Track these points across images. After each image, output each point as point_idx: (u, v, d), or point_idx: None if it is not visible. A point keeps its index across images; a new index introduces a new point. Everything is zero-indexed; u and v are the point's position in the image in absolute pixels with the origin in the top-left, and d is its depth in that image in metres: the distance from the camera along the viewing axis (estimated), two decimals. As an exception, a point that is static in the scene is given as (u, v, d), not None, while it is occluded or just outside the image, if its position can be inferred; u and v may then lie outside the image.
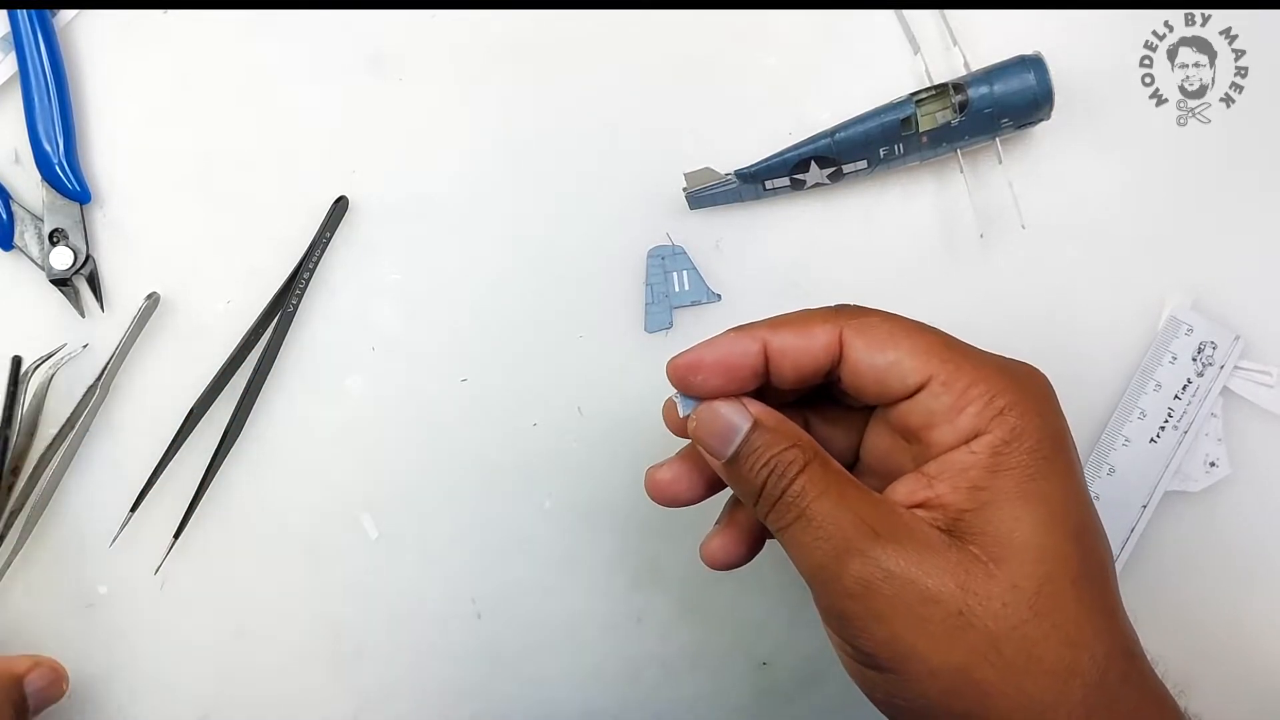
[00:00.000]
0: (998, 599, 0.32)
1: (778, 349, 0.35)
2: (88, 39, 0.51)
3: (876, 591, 0.32)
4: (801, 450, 0.34)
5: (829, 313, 0.36)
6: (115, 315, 0.50)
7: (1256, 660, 0.50)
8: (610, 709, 0.51)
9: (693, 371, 0.36)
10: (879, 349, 0.34)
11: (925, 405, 0.34)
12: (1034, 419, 0.34)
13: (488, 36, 0.51)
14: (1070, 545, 0.33)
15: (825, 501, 0.33)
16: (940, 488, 0.34)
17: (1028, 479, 0.33)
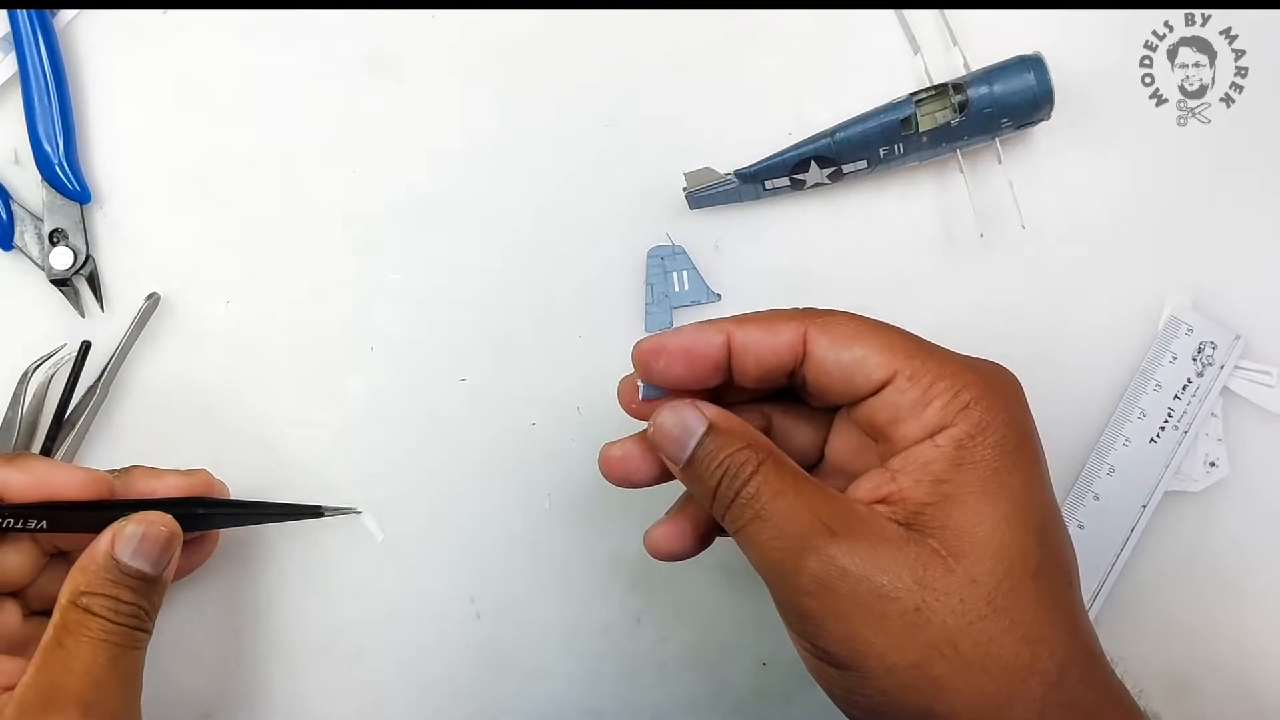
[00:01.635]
0: (955, 594, 0.32)
1: (741, 343, 0.35)
2: (88, 39, 0.51)
3: (833, 589, 0.32)
4: (755, 451, 0.34)
5: (795, 312, 0.36)
6: (115, 315, 0.50)
7: (1256, 660, 0.50)
8: (609, 709, 0.51)
9: (655, 357, 0.36)
10: (844, 345, 0.34)
11: (891, 400, 0.34)
12: (1000, 414, 0.34)
13: (487, 36, 0.51)
14: (1032, 541, 0.33)
15: (780, 501, 0.33)
16: (903, 481, 0.34)
17: (992, 473, 0.33)
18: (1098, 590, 0.49)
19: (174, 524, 0.41)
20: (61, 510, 0.40)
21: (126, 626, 0.38)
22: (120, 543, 0.39)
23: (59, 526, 0.41)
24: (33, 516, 0.40)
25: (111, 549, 0.39)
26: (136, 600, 0.39)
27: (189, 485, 0.43)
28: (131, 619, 0.39)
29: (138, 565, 0.39)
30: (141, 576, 0.39)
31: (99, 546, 0.39)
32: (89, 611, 0.38)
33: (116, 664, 0.38)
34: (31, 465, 0.41)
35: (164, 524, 0.40)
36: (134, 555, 0.39)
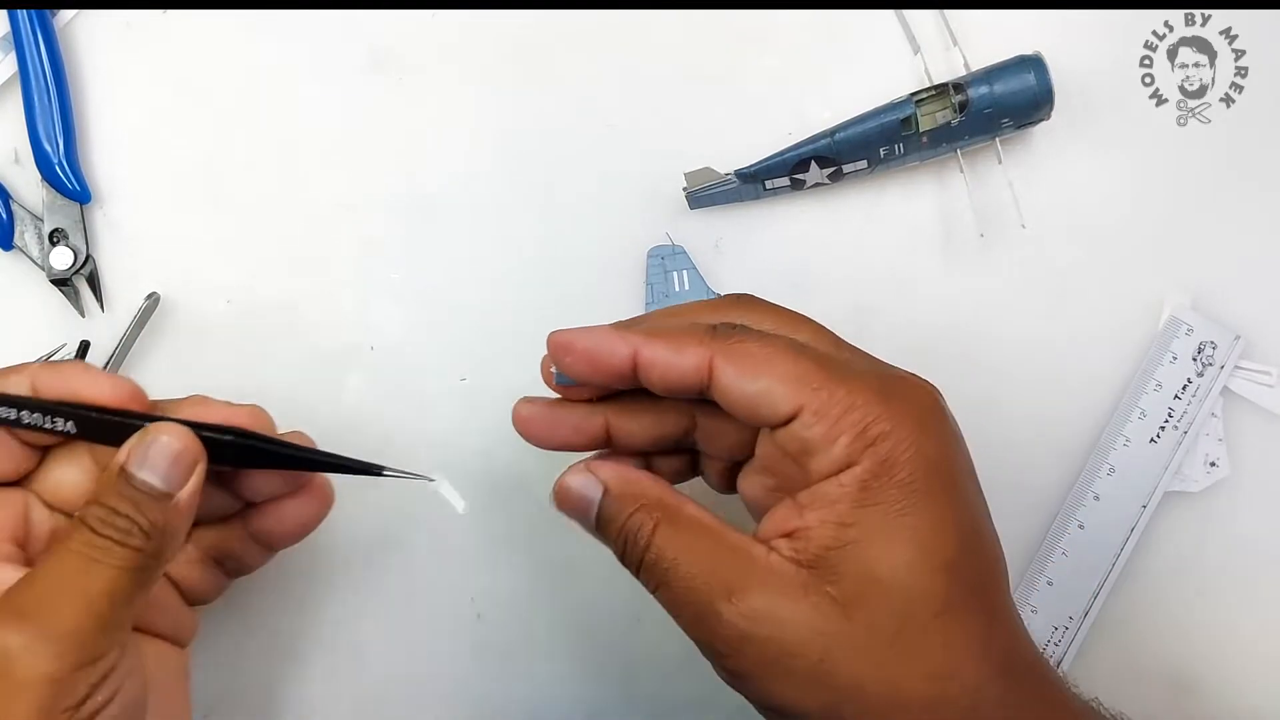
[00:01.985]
0: (856, 642, 0.32)
1: (647, 359, 0.35)
2: (88, 39, 0.51)
3: (739, 649, 0.33)
4: (648, 512, 0.35)
5: (704, 333, 0.35)
6: (115, 315, 0.50)
7: (1256, 660, 0.50)
8: (610, 709, 0.51)
9: (563, 351, 0.36)
10: (749, 376, 0.34)
11: (797, 434, 0.33)
12: (908, 448, 0.33)
13: (487, 36, 0.51)
14: (937, 579, 0.32)
15: (679, 566, 0.34)
16: (809, 518, 0.33)
17: (894, 515, 0.32)
18: (1098, 590, 0.49)
19: (190, 438, 0.37)
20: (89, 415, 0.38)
21: (110, 539, 0.34)
22: (133, 452, 0.36)
23: (87, 432, 0.38)
24: (59, 415, 0.37)
25: (125, 459, 0.36)
26: (132, 514, 0.35)
27: (230, 415, 0.39)
28: (120, 532, 0.34)
29: (144, 476, 0.35)
30: (146, 490, 0.35)
31: (116, 458, 0.36)
32: (82, 522, 0.35)
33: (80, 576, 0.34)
34: (66, 369, 0.38)
35: (177, 436, 0.36)
36: (141, 465, 0.36)
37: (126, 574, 0.34)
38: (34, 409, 0.37)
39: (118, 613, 0.34)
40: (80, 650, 0.33)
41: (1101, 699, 0.37)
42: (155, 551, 0.35)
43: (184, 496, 0.36)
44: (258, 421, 0.40)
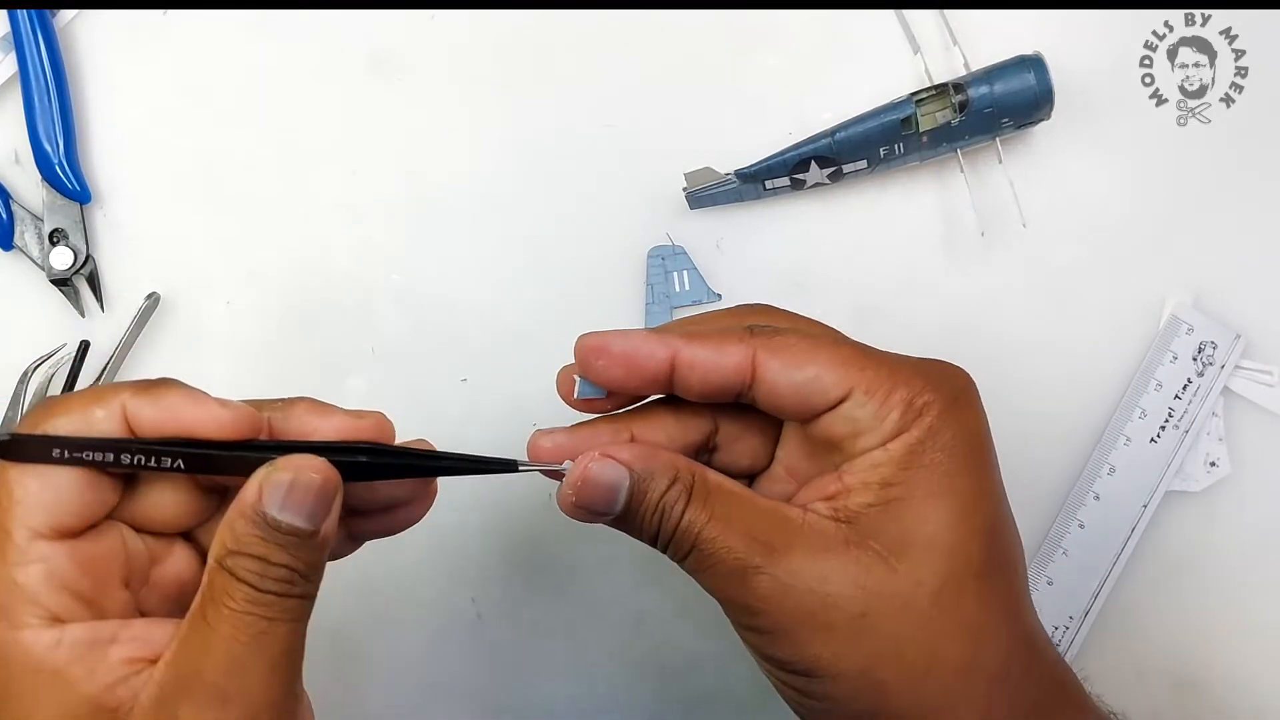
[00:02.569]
0: (899, 597, 0.32)
1: (687, 361, 0.34)
2: (88, 39, 0.51)
3: (778, 605, 0.33)
4: (682, 481, 0.34)
5: (743, 332, 0.35)
6: (115, 315, 0.50)
7: (1256, 660, 0.50)
8: (611, 709, 0.51)
9: (595, 356, 0.35)
10: (796, 366, 0.34)
11: (848, 415, 0.34)
12: (951, 418, 0.33)
13: (488, 36, 0.51)
14: (976, 541, 0.33)
15: (714, 526, 0.33)
16: (850, 481, 0.34)
17: (940, 475, 0.33)
18: (1098, 590, 0.49)
19: (329, 470, 0.34)
20: (199, 450, 0.34)
21: (275, 594, 0.32)
22: (267, 493, 0.33)
23: (198, 468, 0.34)
24: (165, 454, 0.33)
25: (258, 500, 0.33)
26: (288, 561, 0.32)
27: (357, 427, 0.36)
28: (282, 584, 0.32)
29: (288, 519, 0.32)
30: (293, 532, 0.33)
31: (245, 498, 0.33)
32: (233, 575, 0.32)
33: (262, 641, 0.32)
34: (166, 396, 0.34)
35: (316, 470, 0.33)
36: (283, 508, 0.33)
37: (299, 624, 0.33)
38: (135, 451, 0.33)
39: (298, 665, 0.34)
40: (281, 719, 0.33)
41: (1103, 697, 0.37)
42: (314, 591, 0.34)
43: (328, 529, 0.34)
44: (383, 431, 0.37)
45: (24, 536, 0.32)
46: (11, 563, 0.32)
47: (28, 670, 0.31)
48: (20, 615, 0.31)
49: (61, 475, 0.32)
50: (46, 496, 0.32)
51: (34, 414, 0.33)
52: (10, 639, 0.31)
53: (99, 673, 0.31)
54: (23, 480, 0.32)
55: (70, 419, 0.33)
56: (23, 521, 0.32)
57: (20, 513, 0.32)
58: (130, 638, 0.33)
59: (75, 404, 0.33)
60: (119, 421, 0.33)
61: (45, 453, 0.32)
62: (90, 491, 0.33)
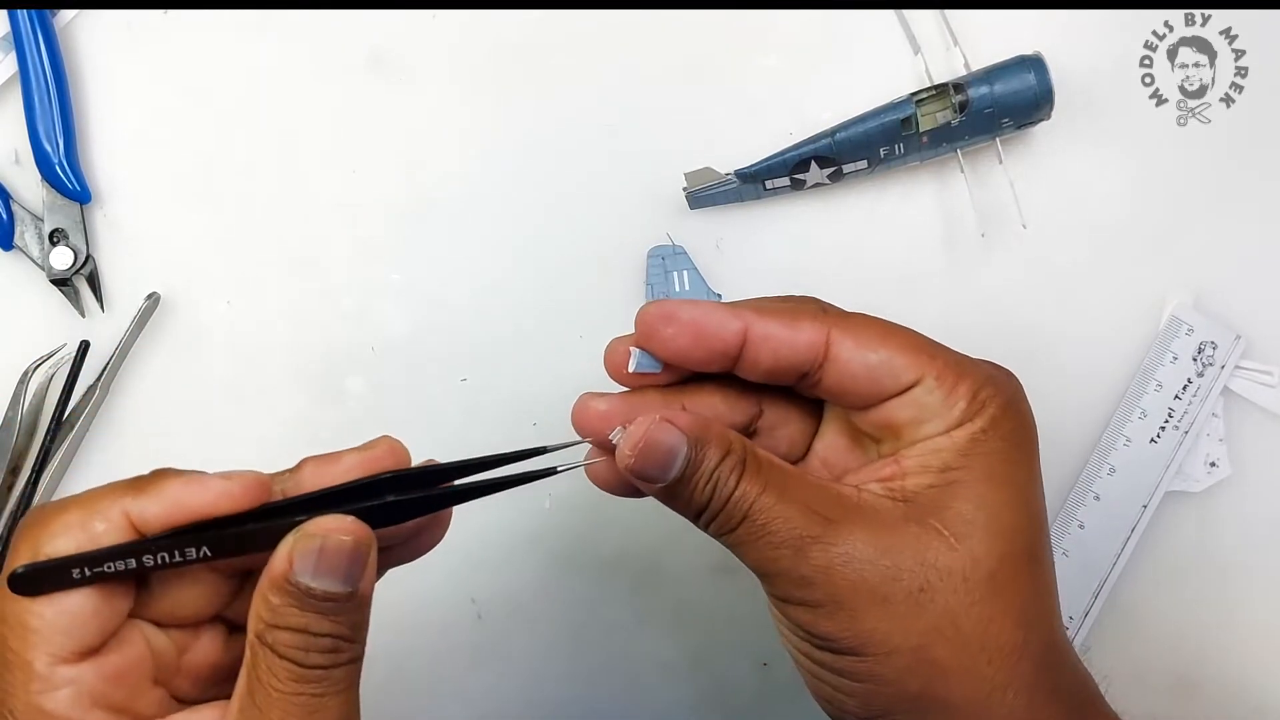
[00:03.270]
0: (958, 574, 0.32)
1: (760, 335, 0.34)
2: (88, 39, 0.51)
3: (836, 576, 0.32)
4: (736, 453, 0.34)
5: (816, 310, 0.35)
6: (115, 315, 0.50)
7: (1256, 660, 0.50)
8: (611, 709, 0.51)
9: (665, 323, 0.34)
10: (870, 348, 0.34)
11: (917, 400, 0.34)
12: (1012, 411, 0.34)
13: (488, 37, 0.51)
14: (1031, 529, 0.34)
15: (767, 497, 0.33)
16: (908, 464, 0.34)
17: (999, 461, 0.34)
18: (1098, 590, 0.49)
19: (359, 527, 0.32)
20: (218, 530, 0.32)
21: (322, 667, 0.31)
22: (298, 561, 0.31)
23: (224, 551, 0.32)
24: (187, 545, 0.31)
25: (289, 569, 0.31)
26: (332, 629, 0.31)
27: (370, 461, 0.34)
28: (327, 654, 0.31)
29: (323, 586, 0.31)
30: (331, 598, 0.31)
31: (275, 568, 0.31)
32: (275, 652, 0.31)
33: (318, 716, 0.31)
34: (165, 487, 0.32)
35: (345, 530, 0.32)
36: (316, 575, 0.31)
37: (350, 691, 0.32)
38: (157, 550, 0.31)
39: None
40: None
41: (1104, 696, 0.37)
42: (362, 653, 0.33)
43: (366, 587, 0.32)
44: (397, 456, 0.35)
45: (45, 664, 0.31)
46: (37, 692, 0.31)
47: None
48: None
49: (74, 596, 0.31)
50: (63, 621, 0.31)
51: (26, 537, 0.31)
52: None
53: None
54: (34, 609, 0.31)
55: (70, 536, 0.31)
56: (43, 650, 0.31)
57: (38, 641, 0.31)
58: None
59: (72, 518, 0.31)
60: (123, 529, 0.31)
61: (65, 577, 0.31)
62: (105, 605, 0.32)
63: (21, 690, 0.31)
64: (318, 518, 0.32)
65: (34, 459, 0.49)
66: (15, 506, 0.49)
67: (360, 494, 0.33)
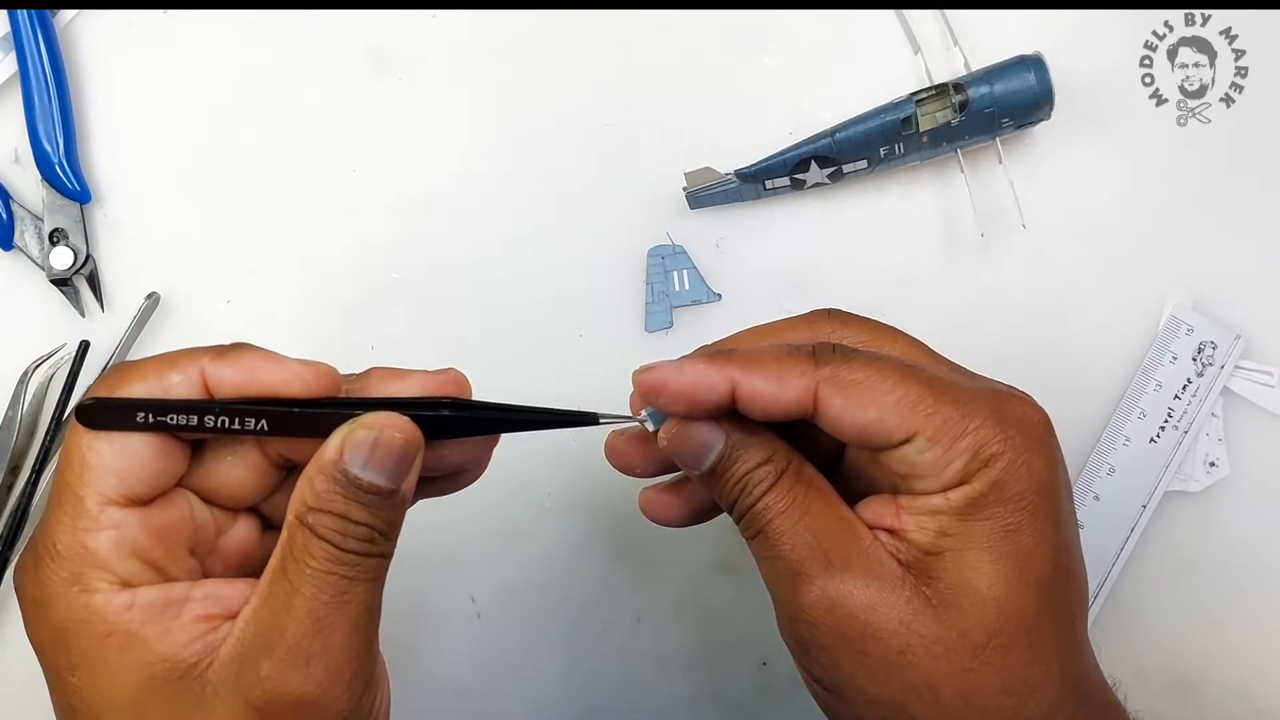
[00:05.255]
0: (941, 644, 0.32)
1: (747, 395, 0.33)
2: (88, 39, 0.51)
3: (820, 621, 0.33)
4: (774, 465, 0.34)
5: (807, 360, 0.33)
6: (115, 315, 0.50)
7: (1256, 660, 0.50)
8: (610, 708, 0.51)
9: (655, 392, 0.34)
10: (860, 408, 0.32)
11: (909, 459, 0.33)
12: (1020, 470, 0.32)
13: (488, 37, 0.51)
14: (1030, 598, 0.32)
15: (785, 520, 0.33)
16: (908, 522, 0.33)
17: (998, 531, 0.32)
18: (1098, 590, 0.49)
19: (411, 428, 0.33)
20: (281, 409, 0.33)
21: (356, 553, 0.32)
22: (349, 451, 0.32)
23: (280, 429, 0.33)
24: (249, 415, 0.33)
25: (339, 458, 0.32)
26: (370, 520, 0.32)
27: (437, 384, 0.35)
28: (364, 542, 0.32)
29: (370, 478, 0.32)
30: (375, 491, 0.32)
31: (326, 454, 0.32)
32: (314, 533, 0.32)
33: (344, 600, 0.32)
34: (244, 357, 0.33)
35: (399, 428, 0.33)
36: (365, 466, 0.32)
37: (378, 583, 0.33)
38: (219, 413, 0.33)
39: (377, 624, 0.34)
40: (362, 678, 0.33)
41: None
42: (392, 551, 0.34)
43: (408, 488, 0.34)
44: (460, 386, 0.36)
45: (96, 503, 0.32)
46: (83, 529, 0.32)
47: (102, 634, 0.31)
48: (92, 581, 0.32)
49: (135, 442, 0.32)
50: (119, 463, 0.32)
51: (108, 380, 0.33)
52: (83, 603, 0.31)
53: (174, 631, 0.32)
54: (95, 445, 0.32)
55: (147, 384, 0.32)
56: (95, 487, 0.32)
57: (92, 478, 0.32)
58: (203, 596, 0.33)
59: (150, 369, 0.33)
60: (197, 385, 0.33)
61: (129, 417, 0.32)
62: (162, 459, 0.33)
63: (69, 525, 0.32)
64: (375, 413, 0.33)
65: (34, 459, 0.49)
66: (15, 506, 0.49)
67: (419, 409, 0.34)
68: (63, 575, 0.32)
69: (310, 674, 0.32)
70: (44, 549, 0.32)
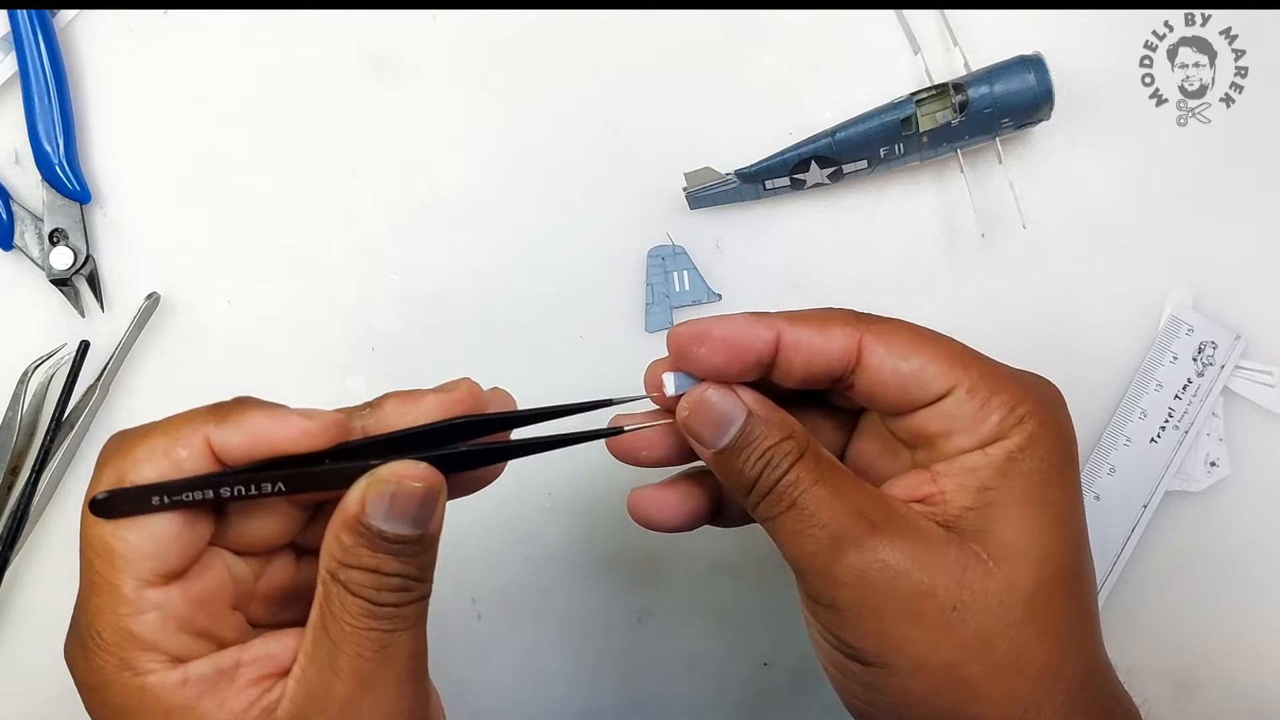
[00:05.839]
0: (994, 597, 0.32)
1: (792, 342, 0.34)
2: (88, 39, 0.51)
3: (871, 583, 0.32)
4: (797, 441, 0.34)
5: (849, 316, 0.34)
6: (115, 315, 0.50)
7: (1256, 660, 0.50)
8: (610, 709, 0.51)
9: (697, 343, 0.34)
10: (903, 356, 0.33)
11: (947, 411, 0.33)
12: (1051, 428, 0.34)
13: (488, 37, 0.51)
14: (1070, 551, 0.33)
15: (819, 490, 0.33)
16: (946, 484, 0.33)
17: (1038, 484, 0.33)
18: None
19: (430, 474, 0.33)
20: (295, 470, 0.33)
21: (393, 605, 0.32)
22: (370, 505, 0.32)
23: (298, 487, 0.33)
24: (264, 480, 0.33)
25: (362, 511, 0.32)
26: (401, 569, 0.32)
27: (450, 404, 0.35)
28: (399, 593, 0.32)
29: (395, 529, 0.32)
30: (402, 540, 0.32)
31: (348, 509, 0.32)
32: (348, 590, 0.32)
33: (388, 654, 0.32)
34: (246, 419, 0.33)
35: (417, 477, 0.33)
36: (388, 518, 0.32)
37: (418, 628, 0.33)
38: (234, 483, 0.32)
39: (424, 666, 0.34)
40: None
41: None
42: (429, 591, 0.34)
43: (434, 528, 0.33)
44: (476, 400, 0.35)
45: (132, 588, 0.32)
46: (125, 614, 0.32)
47: (160, 713, 0.31)
48: (143, 664, 0.32)
49: (158, 521, 0.32)
50: (148, 546, 0.32)
51: (111, 461, 0.32)
52: (137, 686, 0.31)
53: (229, 700, 0.32)
54: (119, 533, 0.32)
55: (154, 464, 0.32)
56: (129, 573, 0.32)
57: (124, 565, 0.32)
58: (253, 659, 0.33)
59: (155, 444, 0.32)
60: (205, 457, 0.32)
61: (144, 503, 0.32)
62: (188, 530, 0.32)
63: (110, 613, 0.32)
64: (391, 463, 0.33)
65: (34, 459, 0.49)
66: (15, 506, 0.49)
67: (435, 438, 0.34)
68: (113, 663, 0.32)
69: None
70: (89, 637, 0.32)
